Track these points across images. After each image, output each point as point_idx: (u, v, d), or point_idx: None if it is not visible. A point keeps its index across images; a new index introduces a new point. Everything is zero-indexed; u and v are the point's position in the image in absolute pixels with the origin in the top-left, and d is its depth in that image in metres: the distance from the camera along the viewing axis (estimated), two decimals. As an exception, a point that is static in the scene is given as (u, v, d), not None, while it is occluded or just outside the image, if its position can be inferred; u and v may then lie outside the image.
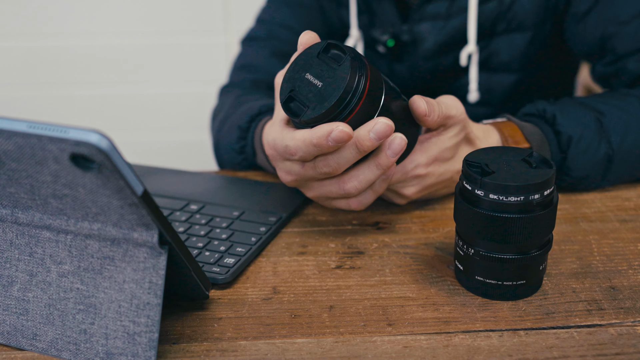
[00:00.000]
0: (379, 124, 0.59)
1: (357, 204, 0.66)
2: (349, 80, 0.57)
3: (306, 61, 0.60)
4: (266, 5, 1.08)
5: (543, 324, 0.55)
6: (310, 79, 0.60)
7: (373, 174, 0.62)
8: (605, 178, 0.75)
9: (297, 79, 0.60)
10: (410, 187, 0.70)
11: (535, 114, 0.77)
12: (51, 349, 0.53)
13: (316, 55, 0.60)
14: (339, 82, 0.58)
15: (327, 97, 0.58)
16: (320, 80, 0.59)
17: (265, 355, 0.52)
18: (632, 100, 0.78)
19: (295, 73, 0.61)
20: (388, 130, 0.59)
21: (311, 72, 0.60)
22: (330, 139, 0.58)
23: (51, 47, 1.87)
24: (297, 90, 0.60)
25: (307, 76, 0.60)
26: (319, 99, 0.59)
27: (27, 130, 0.43)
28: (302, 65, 0.61)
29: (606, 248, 0.66)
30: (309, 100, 0.59)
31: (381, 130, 0.59)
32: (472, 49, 0.97)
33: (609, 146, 0.74)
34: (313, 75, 0.59)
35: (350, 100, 0.58)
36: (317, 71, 0.60)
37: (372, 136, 0.59)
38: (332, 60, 0.59)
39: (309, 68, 0.60)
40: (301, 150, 0.60)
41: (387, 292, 0.60)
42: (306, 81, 0.60)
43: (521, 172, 0.55)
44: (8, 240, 0.54)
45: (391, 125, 0.59)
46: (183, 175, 0.83)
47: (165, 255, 0.50)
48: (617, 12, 0.88)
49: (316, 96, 0.59)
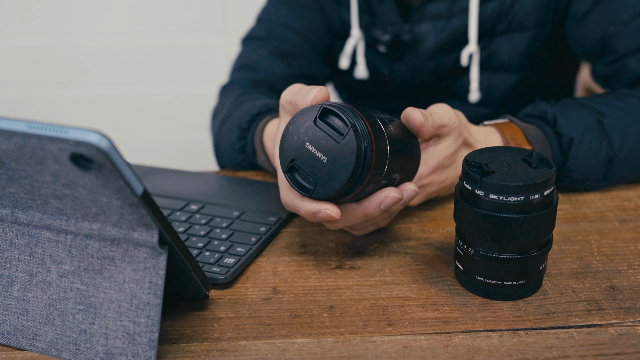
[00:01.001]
0: (388, 198, 0.59)
1: (358, 233, 0.68)
2: (356, 158, 0.55)
3: (304, 127, 0.57)
4: (266, 4, 1.09)
5: (543, 324, 0.55)
6: (312, 151, 0.57)
7: (381, 218, 0.65)
8: (606, 179, 0.75)
9: (299, 149, 0.57)
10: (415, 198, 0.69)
11: (536, 115, 0.77)
12: (51, 349, 0.53)
13: (313, 121, 0.56)
14: (346, 159, 0.55)
15: (336, 176, 0.55)
16: (324, 154, 0.56)
17: (265, 355, 0.52)
18: (633, 102, 0.78)
19: (294, 139, 0.57)
20: (396, 202, 0.60)
21: (312, 142, 0.56)
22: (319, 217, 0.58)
23: (51, 47, 1.87)
24: (299, 162, 0.57)
25: (308, 146, 0.57)
26: (326, 177, 0.56)
27: (27, 130, 0.43)
28: (301, 132, 0.57)
29: (606, 248, 0.66)
30: (315, 175, 0.56)
31: (391, 204, 0.59)
32: (473, 48, 0.97)
33: (610, 147, 0.74)
34: (315, 147, 0.56)
35: (360, 174, 0.56)
36: (318, 142, 0.56)
37: (383, 208, 0.60)
38: (332, 130, 0.56)
39: (308, 136, 0.57)
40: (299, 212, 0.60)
41: (387, 292, 0.60)
42: (308, 153, 0.57)
43: (521, 172, 0.55)
44: (8, 240, 0.54)
45: (399, 198, 0.59)
46: (183, 175, 0.83)
47: (165, 255, 0.50)
48: (617, 12, 0.88)
49: (322, 172, 0.56)
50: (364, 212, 0.60)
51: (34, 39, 1.86)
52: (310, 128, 0.57)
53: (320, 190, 0.56)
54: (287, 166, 0.58)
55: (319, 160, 0.56)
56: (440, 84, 1.04)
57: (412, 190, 0.61)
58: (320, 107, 0.56)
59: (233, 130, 0.85)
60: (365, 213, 0.60)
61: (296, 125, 0.58)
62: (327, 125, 0.56)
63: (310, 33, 1.05)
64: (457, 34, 0.98)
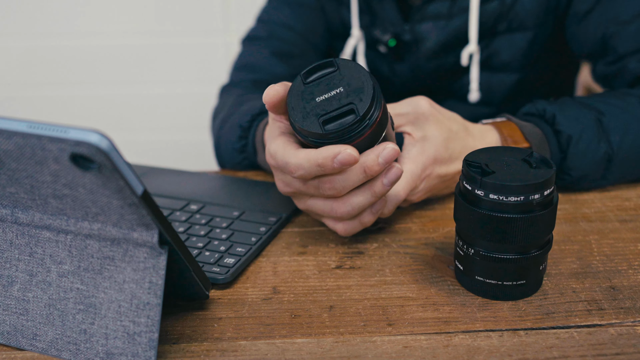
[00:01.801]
0: (386, 150, 0.58)
1: (343, 230, 0.65)
2: (361, 67, 0.58)
3: (301, 96, 0.58)
4: (267, 5, 1.09)
5: (543, 324, 0.55)
6: (326, 96, 0.58)
7: (367, 201, 0.62)
8: (605, 178, 0.75)
9: (314, 108, 0.58)
10: (415, 193, 0.69)
11: (534, 113, 0.77)
12: (51, 349, 0.53)
13: (302, 86, 0.58)
14: (355, 69, 0.58)
15: (361, 85, 0.57)
16: (337, 87, 0.58)
17: (265, 355, 0.52)
18: (632, 100, 0.78)
19: (304, 110, 0.58)
20: (395, 156, 0.58)
21: (319, 93, 0.58)
22: (337, 161, 0.57)
23: (51, 47, 1.87)
24: (325, 112, 0.57)
25: (320, 98, 0.58)
26: (356, 93, 0.57)
27: (27, 130, 0.43)
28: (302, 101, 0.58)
29: (606, 248, 0.66)
30: (347, 103, 0.57)
31: (389, 156, 0.58)
32: (473, 48, 0.97)
33: (609, 146, 0.74)
34: (325, 93, 0.58)
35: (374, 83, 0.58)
36: (323, 88, 0.58)
37: (381, 161, 0.58)
38: (325, 75, 0.58)
39: (311, 95, 0.58)
40: (302, 169, 0.59)
41: (387, 292, 0.60)
42: (324, 101, 0.58)
43: (521, 172, 0.55)
44: (8, 240, 0.54)
45: (397, 151, 0.58)
46: (183, 175, 0.83)
47: (165, 255, 0.50)
48: (618, 11, 0.88)
49: (350, 95, 0.57)
50: (363, 167, 0.58)
51: (34, 39, 1.86)
52: (306, 90, 0.59)
53: (361, 105, 0.57)
54: (320, 125, 0.58)
55: (338, 93, 0.58)
56: (440, 84, 1.04)
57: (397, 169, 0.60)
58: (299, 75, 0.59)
59: (234, 129, 0.85)
60: (365, 167, 0.58)
61: (294, 101, 0.59)
62: (317, 78, 0.59)
63: (310, 33, 1.05)
64: (458, 34, 0.98)
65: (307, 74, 0.59)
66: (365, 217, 0.64)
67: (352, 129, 0.57)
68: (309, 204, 0.64)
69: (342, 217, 0.63)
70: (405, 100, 0.69)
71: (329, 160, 0.57)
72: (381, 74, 1.06)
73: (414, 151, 0.67)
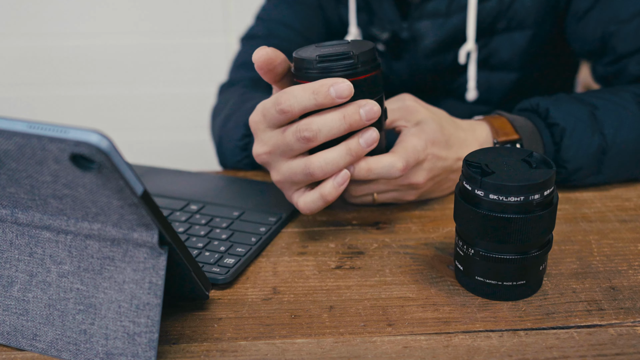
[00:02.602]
0: (369, 104, 0.60)
1: (303, 205, 0.64)
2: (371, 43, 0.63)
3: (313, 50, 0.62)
4: (266, 3, 1.09)
5: (543, 324, 0.55)
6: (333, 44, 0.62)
7: (341, 158, 0.61)
8: (600, 171, 0.75)
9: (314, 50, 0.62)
10: (420, 173, 0.69)
11: (528, 108, 0.78)
12: (51, 349, 0.53)
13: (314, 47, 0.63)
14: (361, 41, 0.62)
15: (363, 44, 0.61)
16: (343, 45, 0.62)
17: (265, 355, 0.52)
18: (627, 96, 0.78)
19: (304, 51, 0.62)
20: (377, 113, 0.60)
21: (325, 47, 0.62)
22: (332, 89, 0.58)
23: (51, 47, 1.87)
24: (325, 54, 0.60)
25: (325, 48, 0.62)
26: (357, 46, 0.61)
27: (27, 131, 0.43)
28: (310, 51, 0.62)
29: (606, 248, 0.66)
30: (346, 51, 0.60)
31: (371, 111, 0.59)
32: (471, 47, 0.97)
33: (603, 138, 0.74)
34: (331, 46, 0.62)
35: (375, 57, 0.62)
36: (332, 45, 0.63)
37: (362, 113, 0.59)
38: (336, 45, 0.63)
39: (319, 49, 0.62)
40: (294, 98, 0.60)
41: (387, 292, 0.60)
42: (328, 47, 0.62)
43: (521, 172, 0.55)
44: (8, 240, 0.54)
45: (378, 110, 0.60)
46: (183, 175, 0.83)
47: (165, 256, 0.50)
48: (617, 10, 0.88)
49: (351, 45, 0.61)
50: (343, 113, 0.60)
51: (33, 39, 1.86)
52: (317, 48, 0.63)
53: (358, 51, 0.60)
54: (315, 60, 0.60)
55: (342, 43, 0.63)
56: (438, 83, 1.04)
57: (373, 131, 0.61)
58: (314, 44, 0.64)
59: (237, 127, 0.85)
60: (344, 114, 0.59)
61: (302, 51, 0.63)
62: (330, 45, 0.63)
63: (309, 31, 1.05)
64: (456, 32, 0.98)
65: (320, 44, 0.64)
66: (326, 187, 0.62)
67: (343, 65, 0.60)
68: (284, 168, 0.64)
69: (316, 174, 0.62)
70: (390, 99, 0.71)
71: (325, 88, 0.58)
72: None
73: (413, 130, 0.68)
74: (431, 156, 0.68)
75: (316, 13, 1.06)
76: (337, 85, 0.58)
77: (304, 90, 0.59)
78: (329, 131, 0.60)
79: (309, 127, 0.60)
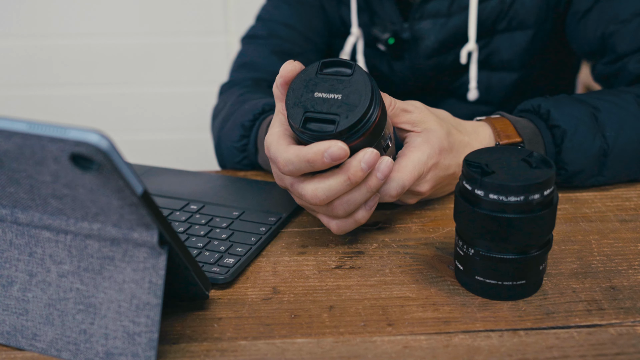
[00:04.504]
0: (368, 154, 0.59)
1: (337, 228, 0.65)
2: (371, 81, 0.58)
3: (307, 83, 0.59)
4: (266, 3, 1.09)
5: (543, 324, 0.55)
6: (324, 96, 0.58)
7: (362, 197, 0.62)
8: (601, 173, 0.75)
9: (307, 101, 0.59)
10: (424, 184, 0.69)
11: (529, 109, 0.77)
12: (51, 349, 0.53)
13: (315, 74, 0.59)
14: (361, 85, 0.58)
15: (356, 103, 0.57)
16: (338, 93, 0.58)
17: (265, 355, 0.52)
18: (628, 97, 0.78)
19: (299, 97, 0.59)
20: (377, 158, 0.59)
21: (321, 90, 0.59)
22: (327, 155, 0.57)
23: (51, 47, 1.86)
24: (312, 110, 0.58)
25: (318, 94, 0.59)
26: (346, 109, 0.57)
27: (27, 130, 0.43)
28: (304, 88, 0.59)
29: (606, 248, 0.66)
30: (334, 113, 0.58)
31: (371, 160, 0.59)
32: (472, 47, 0.97)
33: (604, 140, 0.74)
34: (326, 92, 0.58)
35: (376, 100, 0.58)
36: (328, 87, 0.59)
37: (364, 166, 0.59)
38: (338, 74, 0.59)
39: (314, 87, 0.59)
40: (291, 165, 0.59)
41: (387, 292, 0.60)
42: (319, 99, 0.58)
43: (521, 172, 0.55)
44: (8, 240, 0.54)
45: (378, 153, 0.59)
46: (183, 175, 0.83)
47: (165, 256, 0.50)
48: (617, 10, 0.88)
49: (341, 107, 0.58)
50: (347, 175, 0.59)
51: (33, 39, 1.86)
52: (314, 79, 0.59)
53: (344, 122, 0.57)
54: (301, 119, 0.58)
55: (334, 99, 0.58)
56: (439, 83, 1.04)
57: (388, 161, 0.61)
58: (319, 62, 0.60)
59: (235, 128, 0.85)
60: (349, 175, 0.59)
61: (298, 85, 0.59)
62: (330, 74, 0.59)
63: (310, 32, 1.05)
64: (457, 32, 0.98)
65: (325, 65, 0.60)
66: (359, 214, 0.64)
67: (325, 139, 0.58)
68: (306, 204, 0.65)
69: (338, 214, 0.63)
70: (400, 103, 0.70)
71: (319, 156, 0.58)
72: (380, 73, 1.06)
73: (419, 140, 0.67)
74: (436, 166, 0.68)
75: (317, 13, 1.06)
76: (330, 150, 0.57)
77: (299, 158, 0.59)
78: (335, 195, 0.61)
79: (315, 195, 0.61)
